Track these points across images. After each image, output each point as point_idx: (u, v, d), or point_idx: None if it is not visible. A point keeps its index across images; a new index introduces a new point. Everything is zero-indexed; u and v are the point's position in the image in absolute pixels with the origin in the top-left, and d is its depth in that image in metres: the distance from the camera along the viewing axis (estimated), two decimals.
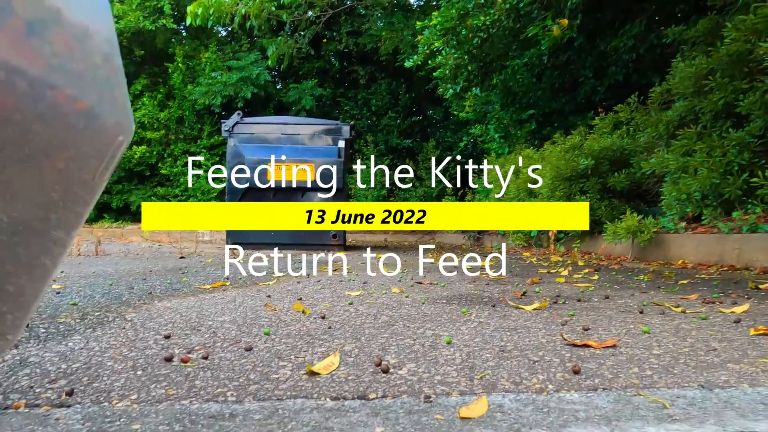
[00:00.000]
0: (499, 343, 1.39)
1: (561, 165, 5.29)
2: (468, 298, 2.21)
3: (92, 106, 0.62)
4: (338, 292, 2.40)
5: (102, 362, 1.18)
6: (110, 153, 0.69)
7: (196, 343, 1.37)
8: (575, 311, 1.87)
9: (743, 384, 1.03)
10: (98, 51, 0.64)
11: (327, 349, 1.32)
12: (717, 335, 1.47)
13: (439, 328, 1.58)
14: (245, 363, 1.18)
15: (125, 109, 0.71)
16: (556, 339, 1.43)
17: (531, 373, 1.11)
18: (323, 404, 0.91)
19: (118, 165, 9.11)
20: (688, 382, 1.05)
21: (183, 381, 1.04)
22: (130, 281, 2.81)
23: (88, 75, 0.62)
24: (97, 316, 1.76)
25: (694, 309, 1.90)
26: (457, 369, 1.14)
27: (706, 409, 0.89)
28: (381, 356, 1.24)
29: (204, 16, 9.86)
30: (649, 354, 1.27)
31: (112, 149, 0.69)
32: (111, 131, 0.67)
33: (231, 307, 1.98)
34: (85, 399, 0.93)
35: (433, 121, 13.72)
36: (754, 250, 3.40)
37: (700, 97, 4.09)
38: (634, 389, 1.00)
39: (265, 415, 0.86)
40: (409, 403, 0.92)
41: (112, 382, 1.03)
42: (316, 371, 1.10)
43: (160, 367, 1.14)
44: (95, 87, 0.63)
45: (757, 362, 1.18)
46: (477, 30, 6.42)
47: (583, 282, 2.80)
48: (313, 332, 1.52)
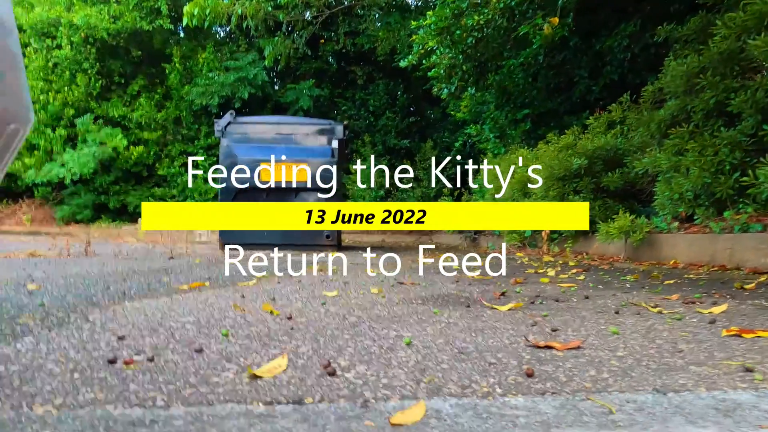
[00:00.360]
0: (460, 344, 1.34)
1: (554, 165, 5.24)
2: (445, 299, 2.17)
3: None
4: (315, 293, 2.36)
5: (43, 365, 1.14)
6: (1, 142, 0.65)
7: (148, 345, 1.33)
8: (550, 312, 1.83)
9: (700, 388, 0.99)
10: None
11: (281, 351, 1.28)
12: (687, 336, 1.42)
13: (404, 329, 1.54)
14: (190, 365, 1.14)
15: (18, 96, 0.67)
16: (521, 340, 1.38)
17: (482, 376, 1.07)
18: (253, 410, 0.87)
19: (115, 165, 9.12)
20: (643, 385, 1.00)
21: (117, 384, 1.00)
22: (108, 282, 2.78)
23: None
24: (59, 317, 1.72)
25: (671, 309, 1.86)
26: (407, 372, 1.10)
27: (654, 414, 0.85)
28: (333, 358, 1.20)
29: (201, 16, 9.86)
30: (611, 356, 1.22)
31: (2, 139, 0.65)
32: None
33: (200, 307, 1.94)
34: (6, 404, 0.89)
35: (430, 122, 13.68)
36: (745, 249, 3.35)
37: (691, 95, 4.04)
38: (584, 393, 0.96)
39: (187, 421, 0.82)
40: (344, 408, 0.88)
41: (43, 385, 1.00)
42: (259, 374, 1.06)
43: (99, 369, 1.10)
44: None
45: (720, 364, 1.14)
46: (471, 29, 6.38)
47: (568, 282, 2.75)
48: (274, 333, 1.48)
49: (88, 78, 11.67)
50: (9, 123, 0.64)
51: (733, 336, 1.41)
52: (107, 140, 11.33)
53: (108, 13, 11.47)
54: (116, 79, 12.10)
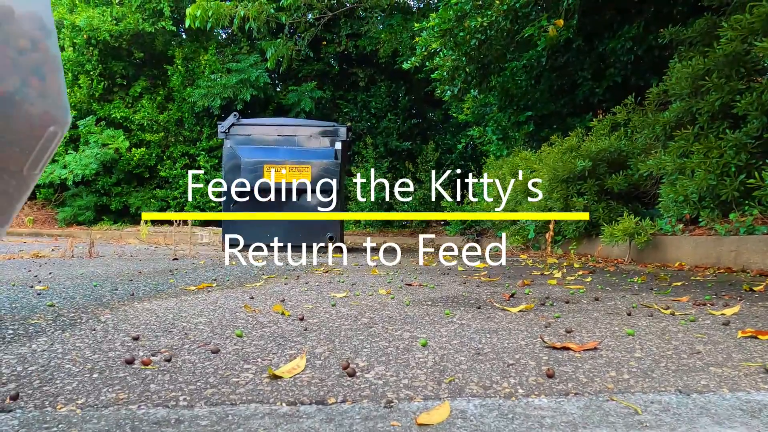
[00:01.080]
0: (476, 345, 1.34)
1: (558, 167, 5.24)
2: (455, 300, 2.17)
3: (11, 93, 0.58)
4: (324, 294, 2.36)
5: (60, 365, 1.14)
6: (40, 145, 0.65)
7: (163, 345, 1.33)
8: (561, 313, 1.82)
9: (723, 389, 0.98)
10: (24, 35, 0.59)
11: (298, 351, 1.28)
12: (703, 338, 1.42)
13: (418, 330, 1.53)
14: (208, 366, 1.14)
15: (58, 99, 0.66)
16: (537, 341, 1.38)
17: (503, 376, 1.06)
18: (277, 410, 0.87)
19: (117, 167, 9.13)
20: (665, 386, 1.00)
21: (138, 384, 1.00)
22: (115, 282, 2.78)
23: (7, 59, 0.58)
24: (70, 318, 1.72)
25: (683, 311, 1.85)
26: (427, 372, 1.09)
27: (680, 415, 0.85)
28: (350, 359, 1.20)
29: (203, 18, 9.86)
30: (629, 357, 1.22)
31: (42, 141, 0.65)
32: (38, 121, 0.63)
33: (210, 308, 1.94)
34: (29, 403, 0.89)
35: (432, 124, 13.68)
36: (751, 252, 3.35)
37: (696, 98, 4.05)
38: (607, 394, 0.95)
39: (213, 421, 0.81)
40: (368, 408, 0.88)
41: (63, 385, 0.99)
42: (279, 375, 1.05)
43: (118, 369, 1.10)
44: (17, 73, 0.59)
45: (740, 366, 1.14)
46: (474, 31, 6.38)
47: (576, 284, 2.75)
48: (288, 334, 1.48)
49: (90, 80, 11.67)
50: (49, 125, 0.64)
51: (749, 337, 1.41)
52: (109, 142, 11.32)
53: (110, 15, 11.47)
54: (118, 80, 12.09)
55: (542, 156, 5.90)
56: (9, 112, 0.59)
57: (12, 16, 0.57)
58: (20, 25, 0.60)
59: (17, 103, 0.60)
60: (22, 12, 0.59)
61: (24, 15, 0.59)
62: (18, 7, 0.58)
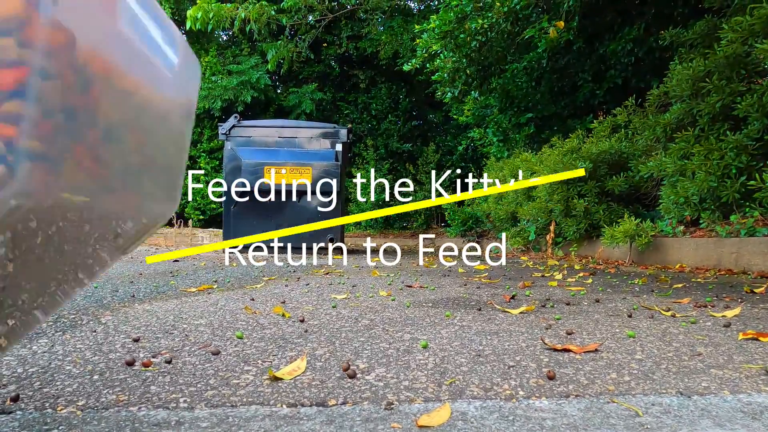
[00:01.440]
0: (477, 347, 1.34)
1: (559, 169, 5.24)
2: (455, 302, 2.17)
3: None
4: (324, 296, 2.36)
5: (61, 366, 1.14)
6: (145, 234, 0.66)
7: (163, 347, 1.33)
8: (562, 315, 1.82)
9: (724, 390, 0.98)
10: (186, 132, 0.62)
11: (298, 353, 1.28)
12: (704, 340, 1.42)
13: (418, 332, 1.53)
14: (208, 368, 1.14)
15: (179, 187, 0.68)
16: (537, 343, 1.38)
17: (504, 378, 1.06)
18: (278, 411, 0.87)
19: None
20: (666, 388, 1.00)
21: (138, 386, 1.00)
22: (116, 284, 2.78)
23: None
24: (71, 319, 1.72)
25: (684, 313, 1.85)
26: (428, 374, 1.09)
27: (681, 417, 0.85)
28: (351, 361, 1.19)
29: (204, 20, 9.87)
30: (630, 359, 1.22)
31: (147, 234, 0.66)
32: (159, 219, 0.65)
33: (211, 310, 1.94)
34: (29, 405, 0.89)
35: (433, 125, 13.69)
36: (752, 253, 3.35)
37: (697, 99, 4.05)
38: (608, 396, 0.95)
39: (213, 422, 0.81)
40: (369, 410, 0.88)
41: (64, 387, 0.99)
42: (279, 376, 1.05)
43: (119, 371, 1.10)
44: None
45: (741, 368, 1.14)
46: (475, 33, 6.38)
47: (576, 285, 2.75)
48: (288, 336, 1.48)
49: None
50: (159, 223, 0.66)
51: (750, 339, 1.41)
52: None
53: None
54: None
55: (543, 158, 5.90)
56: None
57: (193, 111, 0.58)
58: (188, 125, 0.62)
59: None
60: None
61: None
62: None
